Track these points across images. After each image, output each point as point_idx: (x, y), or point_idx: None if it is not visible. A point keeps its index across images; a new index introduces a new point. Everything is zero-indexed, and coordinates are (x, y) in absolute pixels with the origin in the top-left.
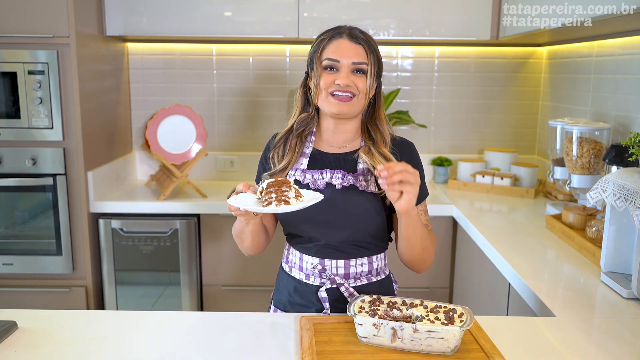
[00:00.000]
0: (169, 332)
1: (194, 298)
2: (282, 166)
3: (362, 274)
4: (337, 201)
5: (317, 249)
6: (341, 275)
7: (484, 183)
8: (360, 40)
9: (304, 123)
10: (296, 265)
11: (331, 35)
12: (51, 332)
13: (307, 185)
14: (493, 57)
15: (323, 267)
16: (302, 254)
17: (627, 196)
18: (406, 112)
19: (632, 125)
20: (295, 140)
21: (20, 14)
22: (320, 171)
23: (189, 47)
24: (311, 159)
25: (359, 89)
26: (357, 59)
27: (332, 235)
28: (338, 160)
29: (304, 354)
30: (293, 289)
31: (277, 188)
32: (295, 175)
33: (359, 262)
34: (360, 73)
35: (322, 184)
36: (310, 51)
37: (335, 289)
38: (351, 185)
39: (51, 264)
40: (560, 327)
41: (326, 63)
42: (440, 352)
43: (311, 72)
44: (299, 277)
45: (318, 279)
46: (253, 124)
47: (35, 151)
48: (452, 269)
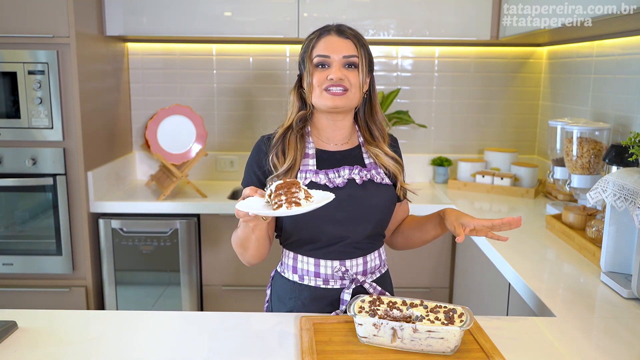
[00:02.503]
0: (169, 332)
1: (194, 298)
2: (287, 166)
3: (375, 268)
4: (360, 196)
5: (338, 252)
6: (360, 272)
7: (484, 183)
8: (349, 35)
9: (303, 120)
10: (310, 272)
11: (319, 34)
12: (51, 332)
13: (325, 186)
14: (493, 57)
15: (346, 269)
16: (317, 260)
17: (627, 196)
18: (406, 112)
19: (632, 125)
20: (295, 137)
21: (20, 14)
22: (335, 169)
23: (189, 47)
24: (318, 159)
25: (352, 82)
26: (348, 52)
27: (355, 232)
28: (345, 157)
29: (304, 354)
30: (307, 299)
31: (286, 190)
32: (309, 177)
33: (373, 257)
34: (351, 67)
35: (342, 182)
36: (300, 52)
37: (357, 287)
38: (369, 179)
39: (51, 264)
40: (560, 327)
41: (317, 60)
42: (440, 352)
43: (304, 72)
44: (315, 284)
45: (339, 281)
46: (253, 124)
47: (35, 151)
48: (452, 269)
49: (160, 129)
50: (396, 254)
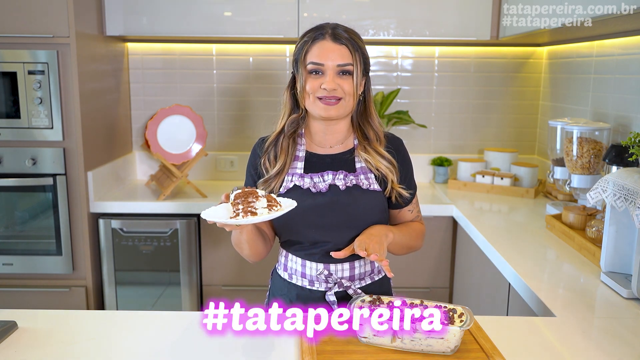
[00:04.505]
0: (169, 332)
1: (194, 298)
2: (276, 170)
3: (365, 274)
4: (342, 202)
5: (322, 255)
6: (347, 278)
7: (484, 183)
8: (344, 40)
9: (295, 124)
10: (297, 272)
11: (314, 37)
12: (51, 332)
13: (308, 190)
14: (493, 57)
15: (329, 273)
16: (304, 261)
17: (627, 196)
18: (406, 112)
19: (632, 125)
20: (287, 141)
21: (20, 14)
22: (320, 174)
23: (189, 47)
24: (306, 162)
25: (345, 91)
26: (342, 61)
27: (339, 237)
28: (335, 161)
29: (304, 354)
30: (295, 297)
31: (243, 199)
32: (294, 180)
33: (363, 263)
34: (346, 75)
35: (325, 187)
36: (294, 52)
37: (341, 291)
38: (354, 185)
39: (51, 264)
40: (560, 327)
41: (311, 67)
42: (440, 352)
43: (297, 75)
44: (301, 284)
45: (324, 284)
46: (253, 124)
47: (35, 151)
48: (452, 269)
49: (160, 129)
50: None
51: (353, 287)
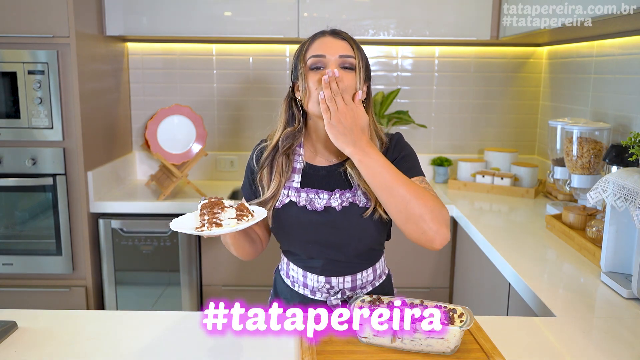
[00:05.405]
0: (169, 332)
1: (193, 298)
2: (271, 193)
3: (367, 283)
4: (338, 223)
5: (322, 268)
6: (348, 288)
7: (484, 183)
8: (345, 36)
9: (290, 138)
10: (299, 281)
11: (313, 37)
12: (51, 332)
13: (304, 207)
14: (493, 57)
15: (331, 285)
16: (305, 272)
17: (627, 196)
18: (406, 112)
19: (632, 125)
20: (282, 158)
21: (20, 14)
22: (316, 191)
23: (189, 47)
24: (304, 174)
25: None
26: (344, 52)
27: (336, 255)
28: (331, 174)
29: (304, 354)
30: (299, 303)
31: (209, 210)
32: (290, 195)
33: (365, 274)
34: (348, 69)
35: (321, 206)
36: (293, 59)
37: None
38: (351, 203)
39: (51, 264)
40: (560, 327)
41: (312, 61)
42: (440, 352)
43: (298, 78)
44: (304, 293)
45: (325, 294)
46: (253, 124)
47: (35, 151)
48: (452, 269)
49: (160, 129)
50: (396, 254)
51: (356, 294)
